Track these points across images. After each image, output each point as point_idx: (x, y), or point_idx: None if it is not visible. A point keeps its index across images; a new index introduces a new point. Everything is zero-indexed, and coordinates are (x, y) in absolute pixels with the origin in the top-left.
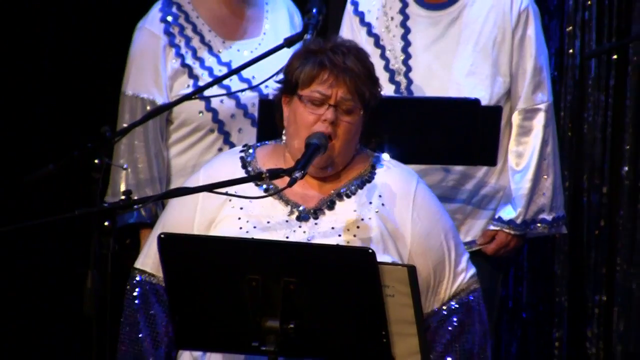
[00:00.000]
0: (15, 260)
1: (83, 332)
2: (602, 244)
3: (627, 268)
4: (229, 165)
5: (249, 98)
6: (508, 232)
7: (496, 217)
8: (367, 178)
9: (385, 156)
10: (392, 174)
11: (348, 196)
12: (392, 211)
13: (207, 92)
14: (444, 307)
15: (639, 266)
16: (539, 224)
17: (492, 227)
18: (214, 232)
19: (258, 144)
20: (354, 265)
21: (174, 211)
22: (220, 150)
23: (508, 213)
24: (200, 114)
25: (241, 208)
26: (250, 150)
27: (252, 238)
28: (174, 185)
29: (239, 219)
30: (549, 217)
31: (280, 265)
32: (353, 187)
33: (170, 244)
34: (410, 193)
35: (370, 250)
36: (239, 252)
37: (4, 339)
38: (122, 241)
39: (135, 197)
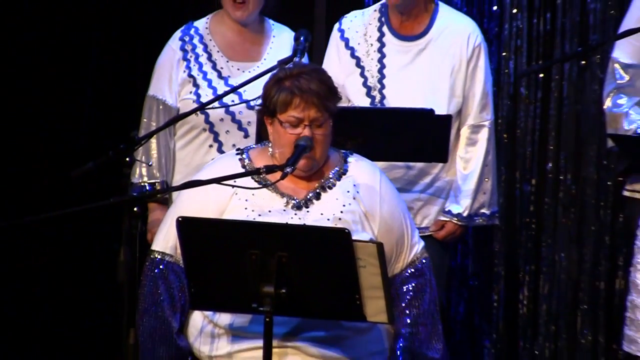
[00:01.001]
0: (64, 239)
1: (116, 295)
2: (531, 225)
3: (551, 243)
4: (231, 166)
5: (237, 107)
6: (455, 223)
7: (446, 209)
8: (342, 172)
9: (351, 153)
10: (360, 167)
11: (330, 188)
12: (364, 197)
13: (205, 98)
14: (404, 271)
15: (560, 242)
16: (479, 217)
17: (442, 218)
18: (224, 216)
19: (248, 147)
20: (333, 242)
21: (184, 205)
22: (210, 146)
23: (456, 208)
24: (196, 115)
25: (246, 200)
26: (244, 155)
27: (252, 221)
28: (177, 171)
29: (245, 208)
30: (487, 212)
31: (275, 242)
32: (332, 180)
33: (187, 226)
34: (377, 182)
35: (346, 231)
36: (242, 232)
37: (57, 300)
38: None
39: (148, 181)
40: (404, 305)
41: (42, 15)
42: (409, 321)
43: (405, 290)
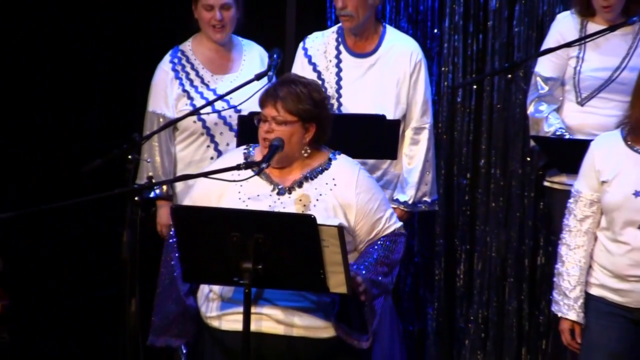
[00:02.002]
0: (77, 223)
1: (120, 270)
2: (466, 212)
3: (483, 227)
4: (235, 159)
5: (227, 112)
6: (402, 209)
7: (394, 198)
8: (325, 167)
9: (339, 154)
10: (341, 165)
11: (312, 179)
12: (341, 190)
13: (202, 110)
14: (381, 238)
15: (491, 225)
16: (422, 204)
17: (391, 205)
18: (223, 200)
19: (256, 145)
20: (301, 226)
21: (198, 189)
22: (208, 146)
23: (402, 197)
24: (194, 123)
25: (241, 186)
26: (251, 149)
27: (234, 208)
28: (179, 169)
29: (239, 192)
30: (429, 200)
31: (253, 226)
32: (315, 173)
33: (180, 213)
34: (354, 177)
35: (312, 217)
36: (226, 218)
37: (71, 273)
38: (148, 210)
39: (154, 181)
40: (371, 249)
41: (59, 34)
42: (378, 249)
43: (374, 245)
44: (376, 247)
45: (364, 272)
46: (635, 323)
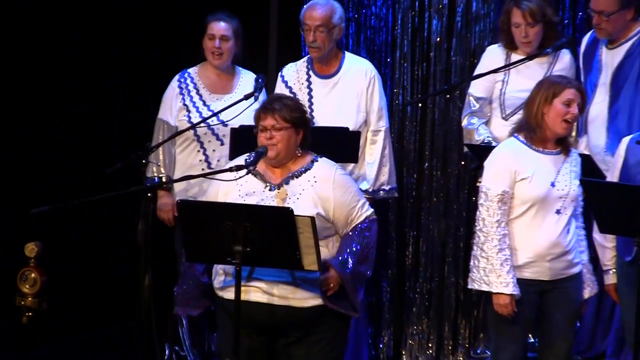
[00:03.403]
0: (100, 214)
1: (136, 252)
2: (414, 205)
3: (427, 217)
4: (239, 162)
5: (216, 125)
6: (365, 196)
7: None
8: (308, 168)
9: (321, 157)
10: (322, 166)
11: (297, 177)
12: (320, 186)
13: (195, 121)
14: (356, 226)
15: (433, 216)
16: (381, 191)
17: None
18: (228, 196)
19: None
20: (281, 216)
21: (210, 187)
22: (198, 151)
23: (364, 185)
24: (188, 132)
25: (241, 185)
26: (251, 155)
27: (228, 202)
28: (177, 168)
29: (239, 190)
30: (387, 188)
31: (243, 216)
32: (299, 173)
33: (184, 206)
34: (332, 175)
35: (290, 209)
36: (220, 210)
37: (94, 255)
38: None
39: (156, 173)
40: (351, 235)
41: (91, 57)
42: (355, 241)
43: (354, 230)
44: (355, 237)
45: (350, 266)
46: (540, 293)
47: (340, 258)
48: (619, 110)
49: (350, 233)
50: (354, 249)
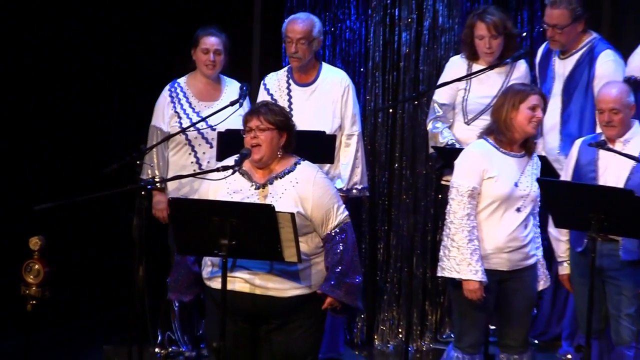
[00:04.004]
0: (99, 211)
1: (131, 245)
2: (385, 201)
3: (397, 213)
4: (227, 164)
5: (204, 129)
6: (340, 194)
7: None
8: (291, 170)
9: (303, 160)
10: (303, 168)
11: (280, 178)
12: (301, 187)
13: (185, 125)
14: (332, 231)
15: (402, 212)
16: (354, 190)
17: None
18: (217, 194)
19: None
20: (264, 213)
21: (202, 186)
22: (190, 154)
23: (339, 184)
24: (180, 136)
25: (229, 183)
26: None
27: (216, 200)
28: (170, 169)
29: (228, 188)
30: (359, 187)
31: (229, 212)
32: (282, 174)
33: (175, 204)
34: (312, 177)
35: (271, 206)
36: (208, 207)
37: (93, 247)
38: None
39: (152, 175)
40: (331, 248)
41: (92, 66)
42: (336, 259)
43: (333, 242)
44: (334, 254)
45: (340, 285)
46: (499, 282)
47: (332, 283)
48: (570, 115)
49: (329, 248)
50: (337, 270)
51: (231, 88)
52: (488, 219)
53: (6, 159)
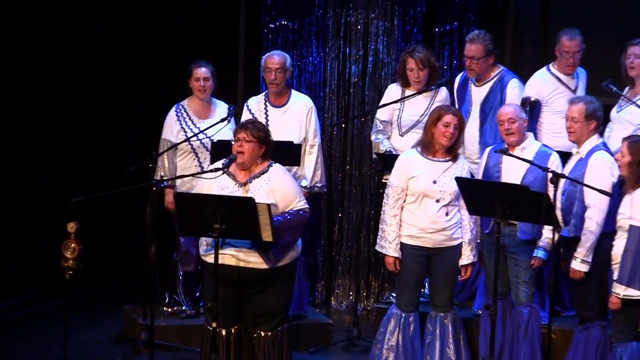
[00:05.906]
0: (119, 203)
1: (144, 229)
2: (339, 195)
3: (348, 204)
4: (216, 166)
5: (205, 140)
6: (305, 191)
7: (300, 185)
8: (265, 171)
9: (275, 163)
10: (275, 170)
11: (257, 178)
12: (273, 183)
13: (188, 135)
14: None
15: (352, 203)
16: (315, 187)
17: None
18: (211, 190)
19: (230, 158)
20: (246, 204)
21: (198, 184)
22: (193, 159)
23: (304, 182)
24: (186, 145)
25: (219, 181)
26: (227, 161)
27: (211, 194)
28: (178, 172)
29: (218, 185)
30: (319, 185)
31: (219, 204)
32: (259, 174)
33: (180, 197)
34: (280, 176)
35: (252, 198)
36: (204, 199)
37: (113, 231)
38: (161, 194)
39: (164, 178)
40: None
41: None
42: (287, 218)
43: (292, 212)
44: (291, 212)
45: (282, 221)
46: (428, 257)
47: (276, 218)
48: (486, 129)
49: (287, 214)
50: (288, 217)
51: (221, 108)
52: (414, 208)
53: (50, 163)
